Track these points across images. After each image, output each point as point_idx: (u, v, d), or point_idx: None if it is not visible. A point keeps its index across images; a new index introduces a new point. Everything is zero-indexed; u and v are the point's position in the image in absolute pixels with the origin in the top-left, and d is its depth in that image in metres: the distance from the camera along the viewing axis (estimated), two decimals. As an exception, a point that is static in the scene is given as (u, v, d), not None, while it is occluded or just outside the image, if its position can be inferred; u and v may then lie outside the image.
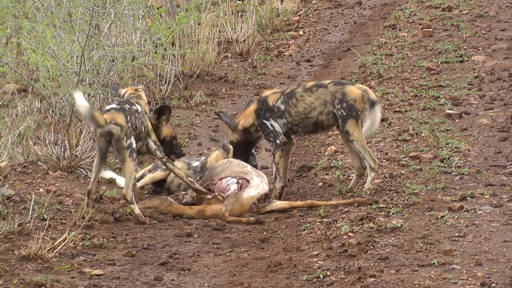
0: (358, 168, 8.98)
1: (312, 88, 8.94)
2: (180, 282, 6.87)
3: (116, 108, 8.39)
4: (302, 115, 8.91)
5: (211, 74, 13.67)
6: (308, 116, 8.91)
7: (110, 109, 8.39)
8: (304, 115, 8.91)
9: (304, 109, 8.91)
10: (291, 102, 8.93)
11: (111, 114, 8.31)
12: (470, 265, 6.80)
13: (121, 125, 8.29)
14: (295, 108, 8.92)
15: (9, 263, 7.04)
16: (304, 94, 8.92)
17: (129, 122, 8.35)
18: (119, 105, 8.44)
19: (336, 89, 8.90)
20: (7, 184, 8.89)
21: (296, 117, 8.93)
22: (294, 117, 8.93)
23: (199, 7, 15.18)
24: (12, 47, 12.77)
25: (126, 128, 8.32)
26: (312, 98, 8.90)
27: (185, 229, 8.22)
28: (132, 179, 8.34)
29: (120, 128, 8.28)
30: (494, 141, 10.03)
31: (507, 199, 8.30)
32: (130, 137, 8.33)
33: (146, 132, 8.63)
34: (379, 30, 15.57)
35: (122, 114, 8.34)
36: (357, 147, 8.86)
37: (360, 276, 6.70)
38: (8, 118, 10.27)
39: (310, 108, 8.91)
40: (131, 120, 8.39)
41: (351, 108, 8.84)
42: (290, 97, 8.94)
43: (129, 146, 8.33)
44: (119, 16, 12.06)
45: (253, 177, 8.84)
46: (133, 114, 8.45)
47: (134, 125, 8.44)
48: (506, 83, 11.96)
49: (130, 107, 8.46)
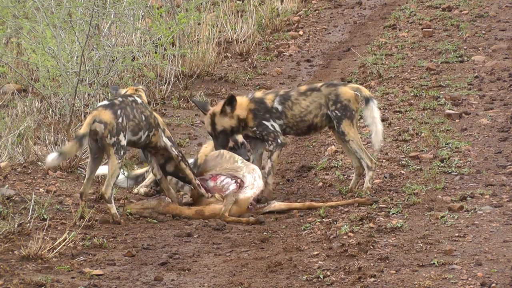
0: (357, 167, 8.99)
1: (307, 92, 8.98)
2: (180, 282, 6.87)
3: (104, 105, 8.33)
4: (298, 118, 8.95)
5: (211, 74, 13.67)
6: (304, 119, 8.95)
7: (98, 107, 8.34)
8: (300, 118, 8.94)
9: (300, 112, 8.94)
10: (287, 104, 8.95)
11: (95, 112, 8.26)
12: (470, 265, 6.80)
13: (105, 122, 8.20)
14: (291, 111, 8.95)
15: (9, 263, 7.03)
16: (299, 97, 8.95)
17: (119, 116, 8.26)
18: (109, 101, 8.40)
19: (329, 91, 8.94)
20: (7, 184, 8.89)
21: (291, 119, 8.95)
22: (290, 120, 8.96)
23: (199, 7, 15.19)
24: (12, 47, 12.76)
25: (112, 125, 8.24)
26: (307, 102, 8.94)
27: (185, 229, 8.22)
28: (114, 177, 8.26)
29: (104, 125, 8.21)
30: (494, 141, 10.03)
31: (507, 199, 8.30)
32: (116, 134, 8.21)
33: (152, 124, 8.55)
34: (379, 30, 15.57)
35: (109, 110, 8.24)
36: (354, 147, 8.88)
37: (360, 276, 6.70)
38: (8, 118, 10.27)
39: (306, 111, 8.94)
40: (123, 114, 8.30)
41: (346, 108, 8.88)
42: (285, 99, 8.97)
43: (114, 143, 8.22)
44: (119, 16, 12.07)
45: (245, 175, 8.81)
46: (127, 105, 8.36)
47: (131, 116, 8.36)
48: (506, 83, 11.97)
49: (122, 100, 8.37)
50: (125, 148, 8.30)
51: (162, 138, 8.63)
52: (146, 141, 8.54)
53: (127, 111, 8.33)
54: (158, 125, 8.59)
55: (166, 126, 8.74)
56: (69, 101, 10.03)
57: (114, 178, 8.25)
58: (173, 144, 8.68)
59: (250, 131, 9.01)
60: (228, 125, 8.97)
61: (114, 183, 8.27)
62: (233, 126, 8.97)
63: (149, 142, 8.57)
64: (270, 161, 8.97)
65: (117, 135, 8.22)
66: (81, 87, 10.07)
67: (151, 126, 8.53)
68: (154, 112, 8.70)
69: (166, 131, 8.68)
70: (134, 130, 8.40)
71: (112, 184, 8.24)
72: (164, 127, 8.68)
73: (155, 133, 8.58)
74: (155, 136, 8.58)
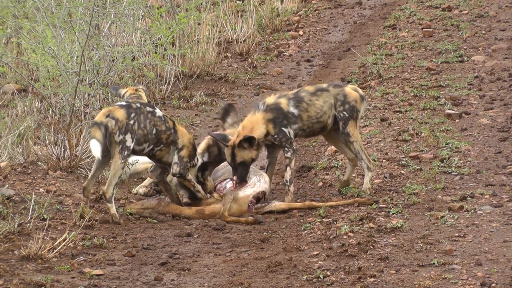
0: (352, 159, 8.99)
1: (317, 92, 8.92)
2: (180, 282, 6.87)
3: (121, 105, 8.36)
4: (314, 119, 8.89)
5: (211, 74, 13.67)
6: (319, 120, 8.90)
7: (116, 105, 8.37)
8: (316, 119, 8.89)
9: (316, 113, 8.88)
10: (302, 107, 8.87)
11: (110, 108, 8.28)
12: (470, 265, 6.80)
13: (117, 119, 8.23)
14: (307, 113, 8.87)
15: (9, 263, 7.03)
16: (312, 98, 8.89)
17: (132, 119, 8.29)
18: (127, 102, 8.41)
19: (337, 91, 8.92)
20: (7, 184, 8.89)
21: (307, 121, 8.88)
22: (305, 122, 8.88)
23: (199, 7, 15.19)
24: (12, 47, 12.77)
25: (123, 124, 8.25)
26: (320, 102, 8.89)
27: (185, 229, 8.22)
28: (116, 177, 8.26)
29: (115, 121, 8.23)
30: (494, 141, 10.03)
31: (507, 199, 8.30)
32: (125, 133, 8.25)
33: (163, 141, 8.46)
34: (379, 30, 15.57)
35: (124, 110, 8.29)
36: (357, 148, 8.88)
37: (360, 276, 6.70)
38: (8, 118, 10.27)
39: (321, 112, 8.89)
40: (136, 119, 8.32)
41: (353, 109, 8.87)
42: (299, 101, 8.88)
43: (121, 141, 8.23)
44: (119, 16, 12.06)
45: (250, 176, 8.83)
46: (142, 113, 8.37)
47: (142, 124, 8.35)
48: (506, 83, 11.97)
49: (140, 107, 8.37)
50: (130, 149, 8.28)
51: (171, 156, 8.57)
52: (150, 154, 8.54)
53: (140, 118, 8.32)
54: (172, 142, 8.54)
55: (189, 149, 8.56)
56: (69, 101, 10.03)
57: (116, 178, 8.26)
58: (180, 162, 8.54)
59: (272, 139, 8.87)
60: (249, 157, 8.81)
61: (115, 183, 8.27)
62: (253, 158, 8.83)
63: (153, 155, 8.55)
64: (289, 169, 8.86)
65: (125, 133, 8.23)
66: (81, 87, 10.07)
67: (160, 141, 8.47)
68: (184, 133, 8.57)
69: (184, 152, 8.53)
70: (140, 140, 8.37)
71: (113, 184, 8.24)
72: (184, 148, 8.53)
73: (163, 149, 8.52)
74: (162, 152, 8.52)
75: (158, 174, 8.74)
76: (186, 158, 8.56)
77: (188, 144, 8.58)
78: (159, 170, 8.72)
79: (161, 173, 8.73)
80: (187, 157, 8.56)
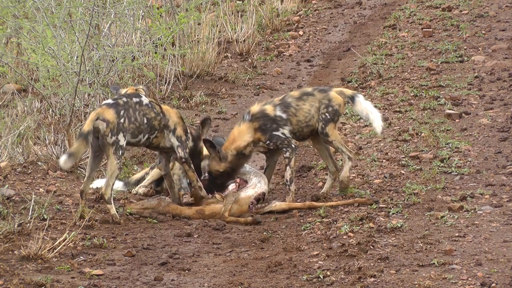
0: (333, 172, 9.03)
1: (303, 97, 8.99)
2: (180, 282, 6.88)
3: (108, 104, 8.34)
4: (303, 123, 8.94)
5: (211, 74, 13.67)
6: (308, 124, 8.95)
7: (102, 105, 8.35)
8: (305, 123, 8.94)
9: (304, 117, 8.94)
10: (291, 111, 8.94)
11: (98, 111, 8.27)
12: (470, 265, 6.80)
13: (108, 121, 8.22)
14: (296, 117, 8.94)
15: (9, 263, 7.04)
16: (299, 103, 8.95)
17: (122, 117, 8.28)
18: (113, 100, 8.40)
19: (323, 96, 8.98)
20: (7, 184, 8.89)
21: (296, 126, 8.94)
22: (295, 126, 8.94)
23: (199, 7, 15.18)
24: (12, 47, 12.77)
25: (114, 125, 8.24)
26: (307, 106, 8.96)
27: (185, 229, 8.22)
28: (113, 178, 8.25)
29: (106, 124, 8.22)
30: (494, 141, 10.03)
31: (507, 199, 8.30)
32: (117, 133, 8.24)
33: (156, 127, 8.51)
34: (379, 30, 15.57)
35: (113, 110, 8.28)
36: (336, 145, 8.95)
37: (360, 276, 6.70)
38: (8, 118, 10.27)
39: (310, 115, 8.95)
40: (126, 115, 8.31)
41: (335, 113, 8.95)
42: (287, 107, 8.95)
43: (114, 142, 8.22)
44: (119, 16, 12.06)
45: (251, 177, 8.86)
46: (131, 107, 8.36)
47: (133, 118, 8.36)
48: (506, 83, 11.97)
49: (127, 101, 8.39)
50: (124, 148, 8.29)
51: (169, 139, 8.59)
52: (146, 143, 8.55)
53: (129, 113, 8.32)
54: (165, 126, 8.56)
55: (181, 124, 8.62)
56: (69, 101, 10.03)
57: (114, 178, 8.25)
58: (181, 144, 8.62)
59: (265, 146, 8.92)
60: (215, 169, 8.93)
61: (113, 183, 8.26)
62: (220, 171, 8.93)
63: (150, 143, 8.57)
64: (289, 168, 8.88)
65: (117, 134, 8.22)
66: (81, 87, 10.07)
67: (153, 128, 8.50)
68: (169, 110, 8.61)
69: (178, 130, 8.59)
70: (134, 133, 8.40)
71: (111, 184, 8.23)
72: (177, 126, 8.59)
73: (158, 135, 8.54)
74: (157, 138, 8.55)
75: (165, 164, 8.76)
76: (183, 135, 8.62)
77: (178, 120, 8.63)
78: (164, 160, 8.75)
79: (167, 163, 8.75)
80: (184, 134, 8.62)
